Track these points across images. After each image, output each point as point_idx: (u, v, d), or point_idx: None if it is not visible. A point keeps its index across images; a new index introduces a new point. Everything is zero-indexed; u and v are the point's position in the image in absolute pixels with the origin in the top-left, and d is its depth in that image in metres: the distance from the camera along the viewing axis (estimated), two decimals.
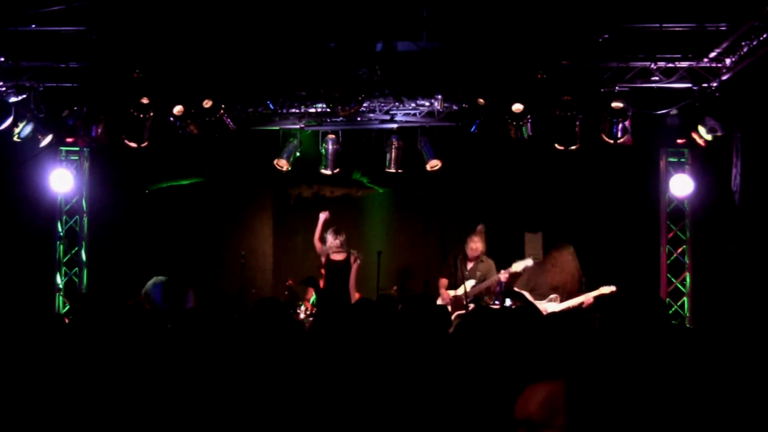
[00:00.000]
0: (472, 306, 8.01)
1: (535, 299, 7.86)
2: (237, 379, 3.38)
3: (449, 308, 8.28)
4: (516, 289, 7.99)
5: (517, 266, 7.91)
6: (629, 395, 2.66)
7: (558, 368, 1.80)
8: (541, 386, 1.79)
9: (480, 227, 8.37)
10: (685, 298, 8.64)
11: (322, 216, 8.39)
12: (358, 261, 8.30)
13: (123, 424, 3.25)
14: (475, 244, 8.25)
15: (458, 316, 8.16)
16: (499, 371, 3.01)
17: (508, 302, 8.10)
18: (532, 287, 7.91)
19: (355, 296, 8.36)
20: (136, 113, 7.52)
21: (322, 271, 8.49)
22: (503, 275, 7.95)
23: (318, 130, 8.36)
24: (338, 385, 3.36)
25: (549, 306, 7.79)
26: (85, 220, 9.06)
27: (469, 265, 8.29)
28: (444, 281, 8.38)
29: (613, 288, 7.63)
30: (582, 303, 7.70)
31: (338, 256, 8.26)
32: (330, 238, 8.24)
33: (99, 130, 7.75)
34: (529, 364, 2.89)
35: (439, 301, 8.30)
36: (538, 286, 7.87)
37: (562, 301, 7.79)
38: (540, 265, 8.07)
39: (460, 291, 8.17)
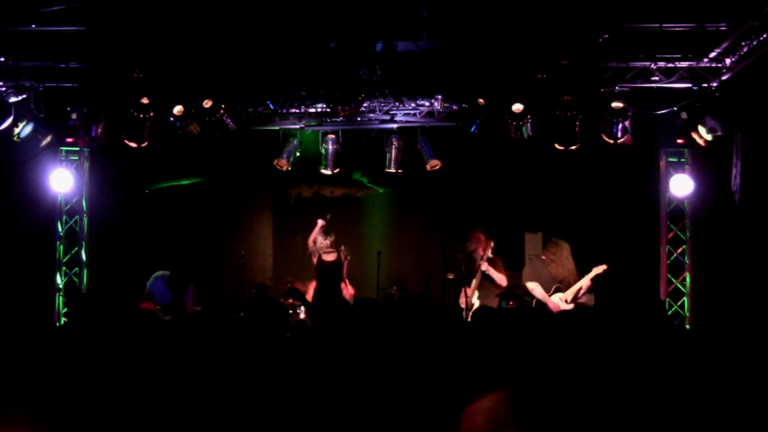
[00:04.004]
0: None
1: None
2: (235, 379, 3.38)
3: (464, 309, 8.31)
4: (527, 283, 8.03)
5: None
6: (604, 395, 2.64)
7: (501, 375, 1.63)
8: (482, 401, 1.63)
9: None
10: (685, 298, 8.64)
11: (320, 222, 8.69)
12: (348, 257, 8.67)
13: (124, 424, 3.25)
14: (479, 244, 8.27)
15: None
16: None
17: (504, 303, 8.15)
18: (538, 280, 7.96)
19: (350, 291, 8.44)
20: (136, 113, 7.52)
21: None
22: (484, 265, 8.04)
23: (318, 130, 8.36)
24: (335, 384, 3.36)
25: (555, 298, 7.85)
26: (85, 220, 9.05)
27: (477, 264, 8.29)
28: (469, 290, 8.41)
29: (604, 266, 7.71)
30: (581, 288, 7.78)
31: (330, 257, 8.62)
32: (320, 239, 8.63)
33: (99, 130, 7.74)
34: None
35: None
36: (543, 279, 7.93)
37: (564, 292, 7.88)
38: (541, 259, 8.14)
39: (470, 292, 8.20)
